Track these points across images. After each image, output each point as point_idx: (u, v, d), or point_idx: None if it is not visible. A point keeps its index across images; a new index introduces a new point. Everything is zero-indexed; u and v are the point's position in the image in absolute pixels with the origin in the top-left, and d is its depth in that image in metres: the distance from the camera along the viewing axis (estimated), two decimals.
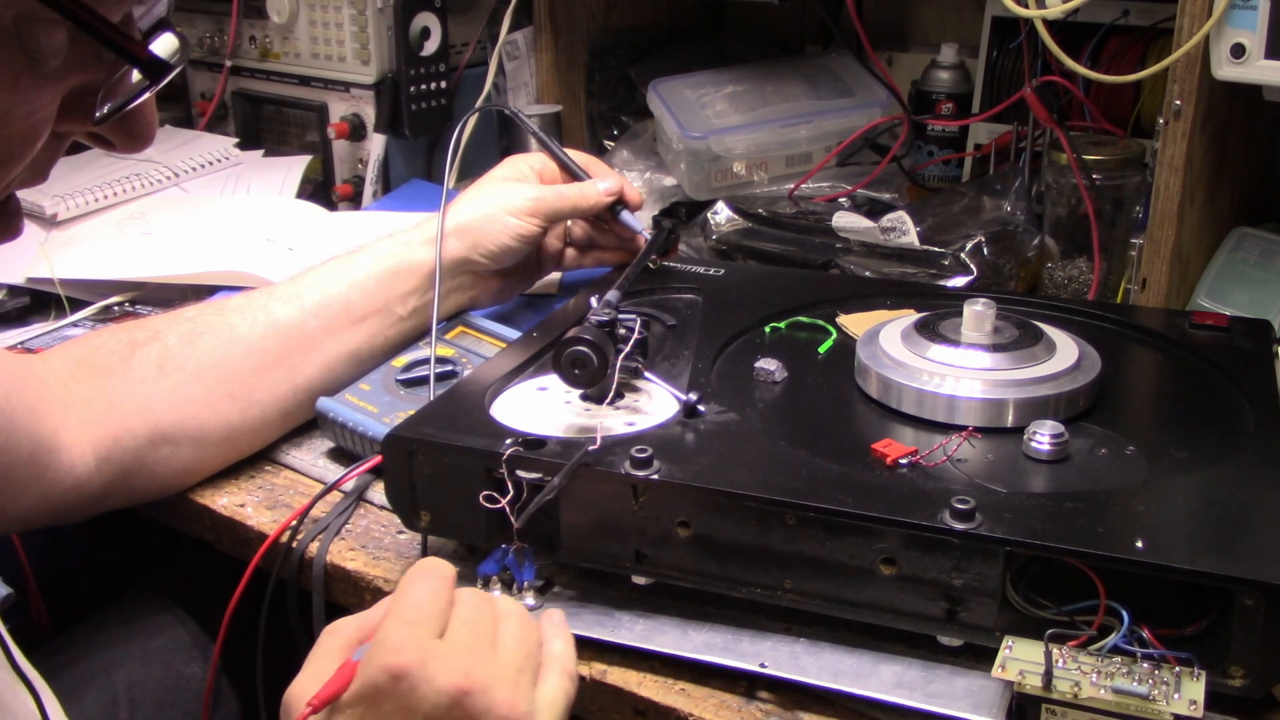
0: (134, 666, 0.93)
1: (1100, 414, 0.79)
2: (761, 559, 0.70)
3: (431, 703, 0.58)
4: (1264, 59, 0.90)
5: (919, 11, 1.56)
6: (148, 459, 0.88)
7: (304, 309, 0.94)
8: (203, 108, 1.58)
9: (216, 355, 0.90)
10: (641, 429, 0.76)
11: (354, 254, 0.99)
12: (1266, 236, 1.08)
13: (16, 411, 0.81)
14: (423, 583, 0.63)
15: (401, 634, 0.59)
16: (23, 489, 0.82)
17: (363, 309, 0.95)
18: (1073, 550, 0.63)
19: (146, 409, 0.88)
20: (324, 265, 0.98)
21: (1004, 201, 1.17)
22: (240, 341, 0.92)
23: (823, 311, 0.95)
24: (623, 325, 0.81)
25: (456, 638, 0.61)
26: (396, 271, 0.97)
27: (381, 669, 0.58)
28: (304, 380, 0.94)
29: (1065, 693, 0.61)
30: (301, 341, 0.93)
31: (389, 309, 0.96)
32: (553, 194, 1.02)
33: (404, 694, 0.58)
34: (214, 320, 0.93)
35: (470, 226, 0.99)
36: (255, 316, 0.93)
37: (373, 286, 0.96)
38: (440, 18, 1.42)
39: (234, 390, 0.91)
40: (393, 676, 0.58)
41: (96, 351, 0.90)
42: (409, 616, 0.60)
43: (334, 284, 0.96)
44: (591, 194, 1.04)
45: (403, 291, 0.97)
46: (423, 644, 0.59)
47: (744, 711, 0.67)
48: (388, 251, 0.98)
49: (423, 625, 0.60)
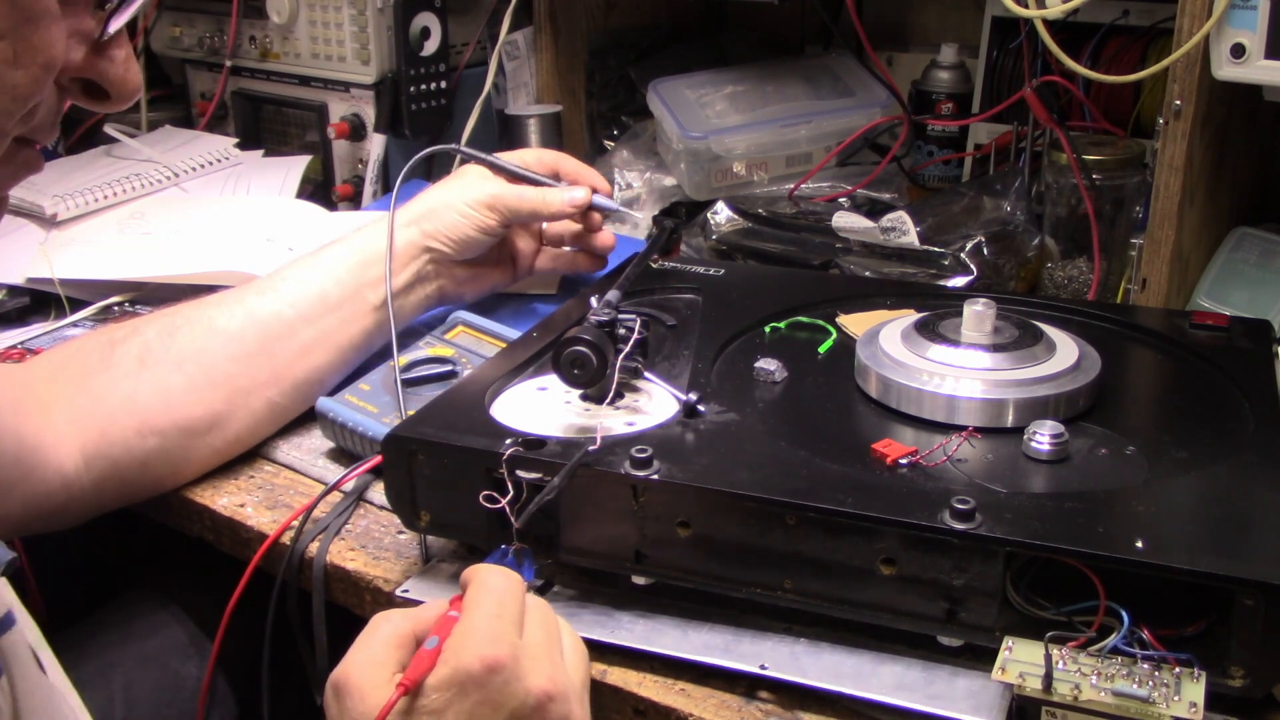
0: (131, 666, 0.93)
1: (1100, 414, 0.79)
2: (761, 559, 0.70)
3: (519, 700, 0.58)
4: (1264, 59, 0.90)
5: (919, 11, 1.56)
6: (137, 452, 0.88)
7: (280, 299, 0.96)
8: (203, 108, 1.59)
9: (196, 346, 0.92)
10: (641, 429, 0.76)
11: (328, 246, 1.01)
12: (1266, 236, 1.08)
13: None
14: (500, 579, 0.63)
15: (495, 627, 0.60)
16: (9, 490, 0.82)
17: (337, 297, 0.97)
18: (1073, 550, 0.63)
19: (130, 401, 0.88)
20: (299, 260, 1.00)
21: (1004, 201, 1.17)
22: (219, 332, 0.93)
23: (823, 311, 0.95)
24: (623, 325, 0.81)
25: (536, 641, 0.61)
26: (365, 260, 0.99)
27: (477, 658, 0.58)
28: (287, 370, 0.95)
29: (1065, 695, 0.61)
30: (279, 330, 0.95)
31: (361, 296, 0.98)
32: (514, 194, 1.05)
33: (496, 687, 0.58)
34: (192, 314, 0.94)
35: (429, 214, 1.03)
36: (233, 309, 0.95)
37: (344, 275, 0.98)
38: (440, 18, 1.42)
39: (215, 379, 0.91)
40: (488, 668, 0.58)
41: (77, 353, 0.91)
42: (497, 610, 0.61)
43: (308, 275, 0.98)
44: (554, 202, 1.06)
45: (373, 279, 0.99)
46: (513, 640, 0.60)
47: (744, 711, 0.67)
48: (359, 242, 1.01)
49: (511, 622, 0.61)
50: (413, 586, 0.78)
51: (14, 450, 0.81)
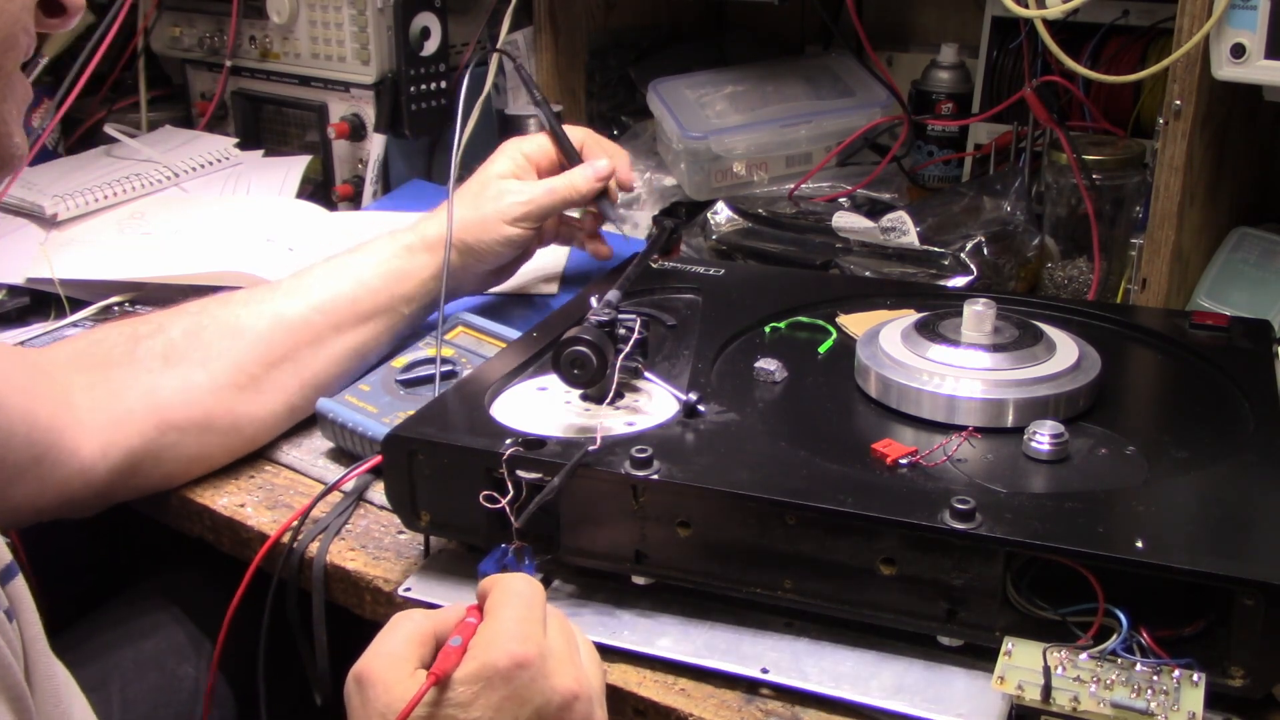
0: (128, 667, 0.93)
1: (1100, 414, 0.79)
2: (762, 559, 0.70)
3: (545, 698, 0.59)
4: (1264, 59, 0.90)
5: (919, 11, 1.56)
6: (154, 446, 0.88)
7: (310, 305, 0.95)
8: (202, 108, 1.58)
9: (222, 347, 0.91)
10: (641, 429, 0.76)
11: (356, 253, 1.00)
12: (1266, 236, 1.08)
13: (4, 392, 0.80)
14: (524, 585, 0.64)
15: (522, 628, 0.60)
16: (22, 472, 0.81)
17: (368, 307, 0.98)
18: (1073, 550, 0.63)
19: (152, 396, 0.88)
20: (327, 263, 1.00)
21: (1004, 201, 1.17)
22: (246, 334, 0.93)
23: (823, 311, 0.95)
24: (623, 325, 0.81)
25: (559, 644, 0.62)
26: (400, 274, 0.99)
27: (506, 654, 0.59)
28: (310, 375, 0.95)
29: (1064, 706, 0.61)
30: (308, 336, 0.95)
31: (394, 309, 0.99)
32: (545, 193, 1.05)
33: (523, 684, 0.59)
34: (219, 313, 0.94)
35: (466, 235, 1.02)
36: (261, 309, 0.94)
37: (378, 286, 0.98)
38: (440, 18, 1.42)
39: (241, 381, 0.91)
40: (516, 664, 0.59)
41: (98, 344, 0.91)
42: (524, 613, 0.61)
43: (339, 282, 0.97)
44: (583, 186, 1.06)
45: (405, 293, 1.00)
46: (540, 640, 0.60)
47: (744, 712, 0.67)
48: (390, 253, 1.00)
49: (537, 623, 0.61)
50: (414, 586, 0.78)
51: (25, 432, 0.81)
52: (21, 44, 0.58)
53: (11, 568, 0.58)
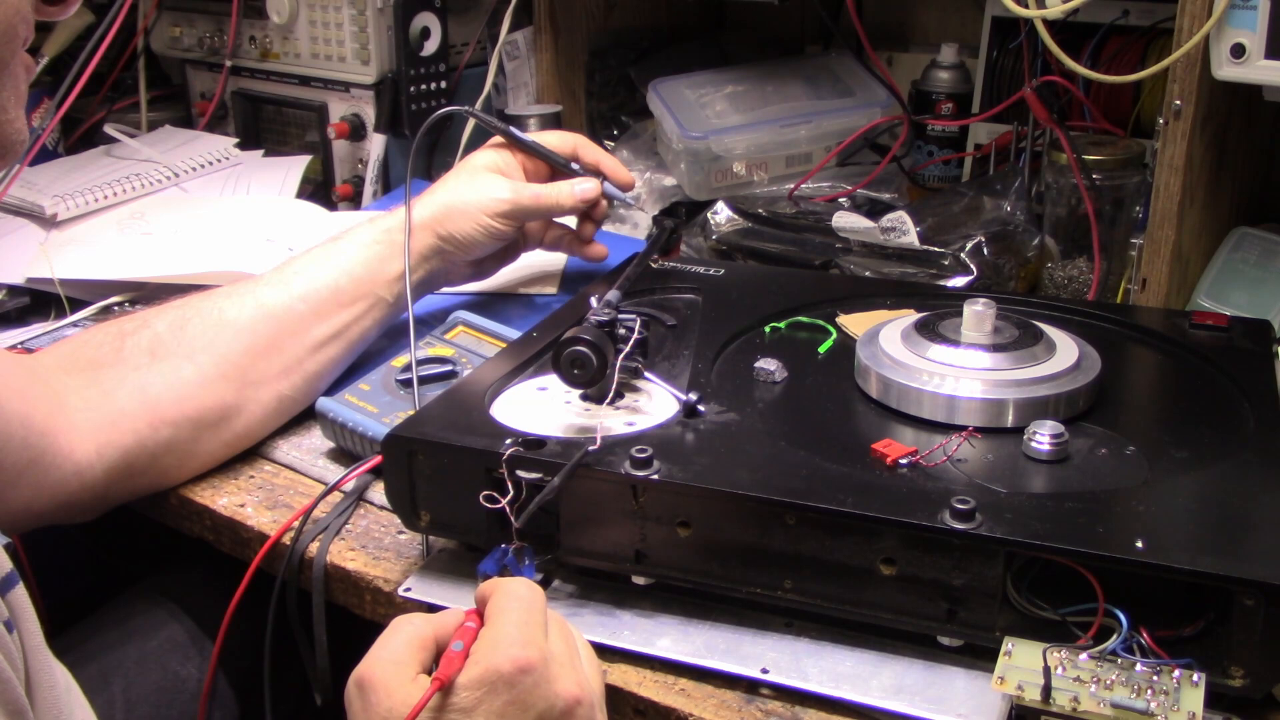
0: (130, 667, 0.93)
1: (1100, 414, 0.79)
2: (762, 559, 0.70)
3: (548, 703, 0.59)
4: (1264, 59, 0.90)
5: (919, 11, 1.56)
6: (148, 443, 0.88)
7: (292, 294, 0.96)
8: (202, 108, 1.58)
9: (207, 338, 0.92)
10: (641, 429, 0.76)
11: (337, 241, 1.01)
12: (1266, 236, 1.08)
13: (1, 396, 0.80)
14: (525, 589, 0.64)
15: (524, 633, 0.61)
16: (18, 476, 0.81)
17: (350, 294, 0.98)
18: (1073, 550, 0.63)
19: (142, 393, 0.88)
20: (309, 252, 1.00)
21: (1004, 201, 1.17)
22: (230, 325, 0.93)
23: (823, 311, 0.95)
24: (623, 325, 0.81)
25: (560, 649, 0.62)
26: (379, 256, 1.00)
27: (509, 659, 0.59)
28: (295, 362, 0.95)
29: (1064, 706, 0.61)
30: (291, 325, 0.95)
31: (374, 293, 1.00)
32: (530, 196, 1.06)
33: (526, 688, 0.59)
34: (202, 306, 0.94)
35: (445, 217, 1.03)
36: (244, 300, 0.95)
37: (360, 272, 0.99)
38: (440, 18, 1.42)
39: (227, 371, 0.92)
40: (519, 669, 0.59)
41: (85, 345, 0.91)
42: (525, 618, 0.62)
43: (321, 270, 0.98)
44: (566, 201, 1.07)
45: (387, 276, 1.00)
46: (542, 645, 0.61)
47: (744, 711, 0.67)
48: (371, 239, 1.01)
49: (539, 628, 0.62)
50: (414, 586, 0.78)
51: (21, 435, 0.81)
52: (20, 33, 0.58)
53: (11, 576, 0.58)
